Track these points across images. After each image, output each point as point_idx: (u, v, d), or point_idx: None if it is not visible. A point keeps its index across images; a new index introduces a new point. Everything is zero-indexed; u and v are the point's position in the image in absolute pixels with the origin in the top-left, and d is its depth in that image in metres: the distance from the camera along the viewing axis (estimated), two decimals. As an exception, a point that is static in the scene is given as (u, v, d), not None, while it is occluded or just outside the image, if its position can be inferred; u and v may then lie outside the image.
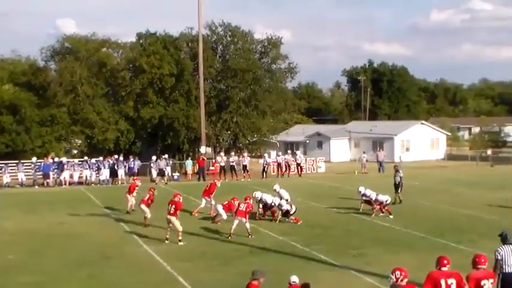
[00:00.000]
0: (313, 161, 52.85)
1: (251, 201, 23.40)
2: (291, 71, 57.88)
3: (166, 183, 42.61)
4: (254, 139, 57.86)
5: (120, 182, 42.52)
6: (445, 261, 11.03)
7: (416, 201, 31.49)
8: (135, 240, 22.24)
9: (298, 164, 48.36)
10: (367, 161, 51.15)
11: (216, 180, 28.73)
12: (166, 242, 21.39)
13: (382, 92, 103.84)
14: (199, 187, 33.44)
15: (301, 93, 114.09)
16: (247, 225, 22.24)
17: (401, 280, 10.35)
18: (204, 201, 27.44)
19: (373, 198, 26.99)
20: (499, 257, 12.39)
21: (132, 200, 28.13)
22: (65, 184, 41.91)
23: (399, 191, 30.51)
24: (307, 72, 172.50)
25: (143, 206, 24.99)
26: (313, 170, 51.47)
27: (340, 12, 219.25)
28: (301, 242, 21.13)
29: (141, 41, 55.34)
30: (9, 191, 39.65)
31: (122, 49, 56.03)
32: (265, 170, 46.69)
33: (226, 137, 55.97)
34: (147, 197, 25.21)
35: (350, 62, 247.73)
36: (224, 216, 24.78)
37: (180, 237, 21.34)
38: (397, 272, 10.41)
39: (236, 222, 22.11)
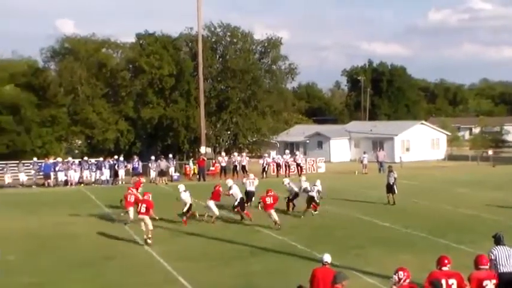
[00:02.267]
0: (313, 161, 52.79)
1: (273, 192, 24.47)
2: (291, 72, 57.92)
3: (166, 184, 42.57)
4: (254, 139, 57.84)
5: (120, 182, 42.52)
6: (446, 261, 11.04)
7: (417, 201, 31.45)
8: (136, 241, 22.20)
9: (298, 164, 48.32)
10: (367, 161, 51.05)
11: (218, 185, 28.13)
12: (149, 241, 21.33)
13: (382, 92, 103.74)
14: (200, 187, 33.44)
15: (301, 93, 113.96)
16: (275, 216, 23.43)
17: (404, 280, 10.33)
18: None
19: (302, 189, 27.53)
20: (492, 257, 12.47)
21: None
22: (71, 184, 41.89)
23: (394, 193, 30.35)
24: (307, 72, 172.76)
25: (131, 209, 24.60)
26: (313, 170, 51.38)
27: (339, 12, 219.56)
28: (302, 242, 21.09)
29: (140, 42, 55.36)
30: (11, 191, 39.64)
31: (121, 49, 56.11)
32: (265, 170, 46.66)
33: (226, 137, 55.97)
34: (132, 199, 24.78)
35: (350, 62, 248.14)
36: (216, 212, 25.29)
37: (150, 236, 21.32)
38: (400, 272, 10.39)
39: (273, 214, 23.56)
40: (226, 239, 22.02)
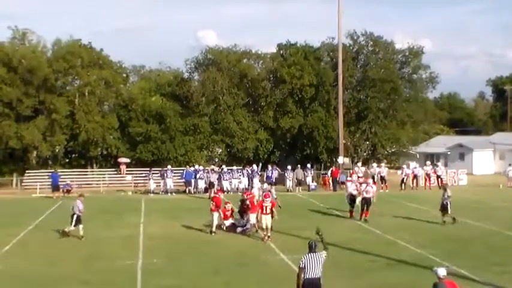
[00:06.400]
0: (455, 173, 51.17)
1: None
2: (432, 81, 56.64)
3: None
4: (393, 150, 56.96)
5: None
6: None
7: None
8: (272, 249, 22.48)
9: (438, 176, 47.01)
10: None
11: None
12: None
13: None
14: (334, 197, 33.31)
15: (442, 103, 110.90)
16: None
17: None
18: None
19: None
20: (301, 265, 13.44)
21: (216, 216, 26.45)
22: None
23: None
24: (449, 82, 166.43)
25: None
26: (454, 182, 49.74)
27: (483, 19, 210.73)
28: (440, 256, 20.54)
29: (281, 52, 56.09)
30: (154, 198, 41.27)
31: (262, 60, 57.05)
32: (404, 181, 45.79)
33: (364, 148, 55.47)
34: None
35: (495, 71, 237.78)
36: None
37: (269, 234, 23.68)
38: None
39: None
40: (360, 250, 21.85)
